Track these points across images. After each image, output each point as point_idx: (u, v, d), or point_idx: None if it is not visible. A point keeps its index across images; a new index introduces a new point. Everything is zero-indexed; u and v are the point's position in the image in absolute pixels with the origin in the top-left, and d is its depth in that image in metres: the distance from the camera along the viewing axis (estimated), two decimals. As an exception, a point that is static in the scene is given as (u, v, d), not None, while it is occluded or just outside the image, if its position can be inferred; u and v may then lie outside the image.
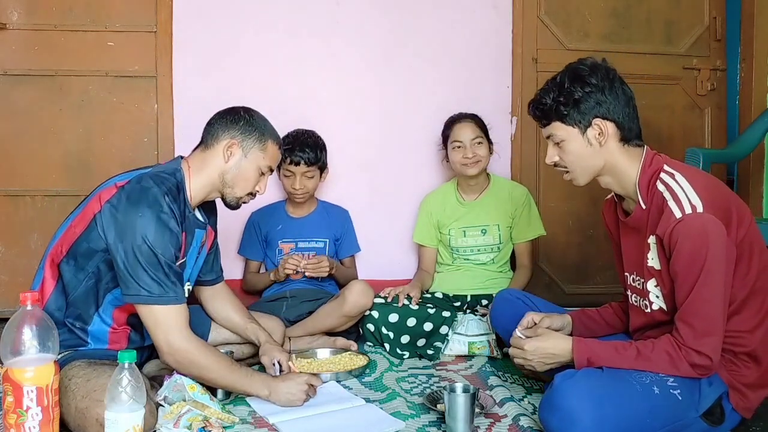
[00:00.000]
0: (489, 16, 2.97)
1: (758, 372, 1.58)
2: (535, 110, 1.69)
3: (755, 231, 1.58)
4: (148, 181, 1.70)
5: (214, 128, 1.84)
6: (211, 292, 2.08)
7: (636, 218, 1.63)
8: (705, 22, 3.13)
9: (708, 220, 1.47)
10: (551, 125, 1.66)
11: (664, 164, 1.60)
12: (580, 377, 1.50)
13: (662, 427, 1.50)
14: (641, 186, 1.60)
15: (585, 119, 1.61)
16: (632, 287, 1.71)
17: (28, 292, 1.41)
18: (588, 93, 1.60)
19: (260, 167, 1.85)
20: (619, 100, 1.61)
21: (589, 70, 1.62)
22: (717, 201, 1.52)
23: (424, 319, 2.36)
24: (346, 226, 2.76)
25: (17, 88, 2.74)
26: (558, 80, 1.64)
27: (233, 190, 1.84)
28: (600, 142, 1.62)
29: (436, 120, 2.74)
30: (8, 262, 2.73)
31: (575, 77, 1.61)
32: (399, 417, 1.75)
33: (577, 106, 1.60)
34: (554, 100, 1.63)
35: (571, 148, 1.64)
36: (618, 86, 1.62)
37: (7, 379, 1.36)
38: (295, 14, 2.85)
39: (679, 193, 1.52)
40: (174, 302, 1.66)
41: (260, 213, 2.73)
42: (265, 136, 1.85)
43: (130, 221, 1.63)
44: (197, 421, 1.59)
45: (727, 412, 1.56)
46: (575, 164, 1.66)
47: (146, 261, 1.63)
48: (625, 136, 1.63)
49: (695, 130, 3.15)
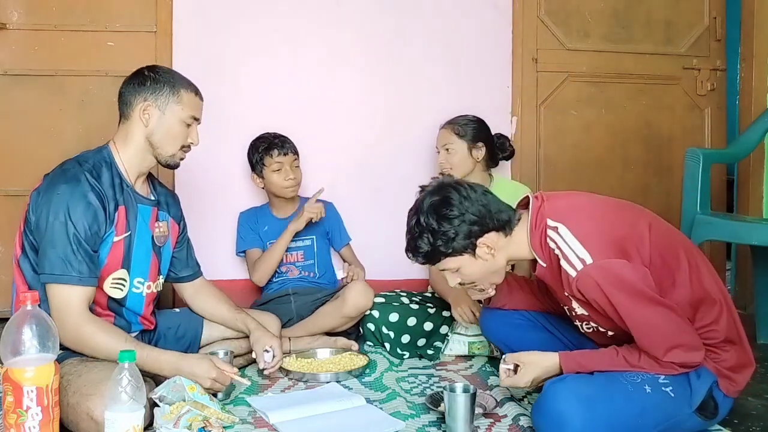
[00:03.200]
0: (489, 16, 2.97)
1: (737, 352, 1.61)
2: (418, 258, 1.67)
3: (665, 235, 1.59)
4: (68, 163, 1.76)
5: (124, 97, 1.83)
6: (192, 290, 2.09)
7: (543, 275, 1.65)
8: (705, 22, 3.13)
9: (598, 269, 1.48)
10: (441, 263, 1.66)
11: (547, 219, 1.59)
12: (570, 380, 1.51)
13: (656, 425, 1.50)
14: (535, 249, 1.62)
15: (469, 245, 1.61)
16: (579, 316, 1.69)
17: (28, 292, 1.41)
18: (458, 225, 1.60)
19: (183, 119, 1.83)
20: (478, 208, 1.61)
21: (445, 201, 1.61)
22: (606, 240, 1.52)
23: (425, 319, 2.36)
24: (333, 217, 2.75)
25: (17, 88, 2.73)
26: (424, 224, 1.61)
27: (164, 150, 1.84)
28: (492, 253, 1.63)
29: (436, 120, 2.73)
30: (8, 262, 2.72)
31: (439, 216, 1.60)
32: (399, 417, 1.75)
33: (456, 240, 1.60)
34: (432, 244, 1.62)
35: (470, 271, 1.66)
36: (474, 195, 1.62)
37: (7, 379, 1.36)
38: (295, 14, 2.85)
39: (566, 250, 1.52)
40: (76, 282, 1.66)
41: (247, 213, 2.73)
42: (176, 87, 1.83)
43: (47, 200, 1.68)
44: (197, 421, 1.59)
45: (720, 402, 1.57)
46: (483, 279, 1.70)
47: (56, 237, 1.65)
48: (507, 230, 1.64)
49: (695, 130, 3.15)
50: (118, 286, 1.81)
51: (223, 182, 2.82)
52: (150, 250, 1.89)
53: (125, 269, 1.82)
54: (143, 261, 1.87)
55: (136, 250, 1.84)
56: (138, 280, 1.86)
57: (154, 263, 1.91)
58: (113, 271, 1.79)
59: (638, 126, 3.12)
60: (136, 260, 1.84)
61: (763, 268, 2.60)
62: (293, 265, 2.66)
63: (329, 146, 2.69)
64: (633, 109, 3.11)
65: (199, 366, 1.71)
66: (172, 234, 1.99)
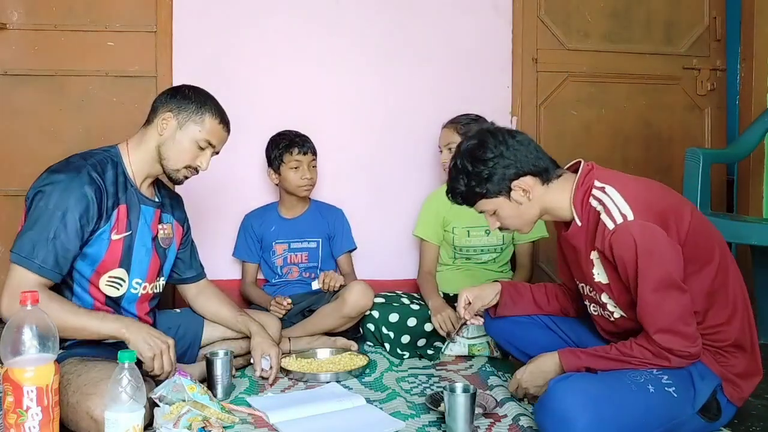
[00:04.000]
0: (489, 16, 2.97)
1: (746, 359, 1.61)
2: (456, 199, 1.73)
3: (700, 223, 1.61)
4: (73, 157, 1.78)
5: (155, 104, 1.87)
6: (195, 290, 2.10)
7: (573, 234, 1.66)
8: (705, 22, 3.13)
9: (639, 225, 1.50)
10: (477, 204, 1.71)
11: (595, 180, 1.63)
12: (575, 379, 1.50)
13: (659, 426, 1.50)
14: (575, 205, 1.65)
15: (504, 188, 1.66)
16: (588, 297, 1.74)
17: (28, 292, 1.41)
18: (492, 167, 1.64)
19: (197, 140, 1.84)
20: (520, 152, 1.66)
21: (481, 144, 1.66)
22: (650, 206, 1.55)
23: (425, 319, 2.36)
24: (339, 223, 2.75)
25: (17, 88, 2.74)
26: (459, 166, 1.68)
27: (169, 162, 1.85)
28: (527, 197, 1.66)
29: (436, 120, 2.73)
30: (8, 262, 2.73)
31: (474, 158, 1.66)
32: (399, 417, 1.75)
33: (491, 181, 1.65)
34: (467, 185, 1.67)
35: (505, 214, 1.70)
36: (512, 141, 1.67)
37: (7, 379, 1.36)
38: (295, 14, 2.85)
39: (610, 205, 1.55)
40: (36, 270, 1.64)
41: (253, 215, 2.73)
42: (202, 109, 1.85)
43: (45, 183, 1.69)
44: (197, 421, 1.59)
45: (723, 406, 1.58)
46: (516, 223, 1.73)
47: (37, 220, 1.66)
48: (544, 178, 1.67)
49: (695, 130, 3.15)
50: (114, 285, 1.81)
51: (222, 181, 2.82)
52: (150, 251, 1.89)
53: (124, 269, 1.82)
54: (143, 262, 1.87)
55: (136, 251, 1.84)
56: (136, 281, 1.86)
57: (155, 264, 1.91)
58: (110, 269, 1.79)
59: (638, 126, 3.12)
60: (136, 261, 1.84)
61: (763, 268, 2.60)
62: (296, 266, 2.66)
63: (329, 146, 2.69)
64: (633, 109, 3.12)
65: (157, 335, 1.71)
66: (176, 236, 1.99)
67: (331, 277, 2.44)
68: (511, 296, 1.94)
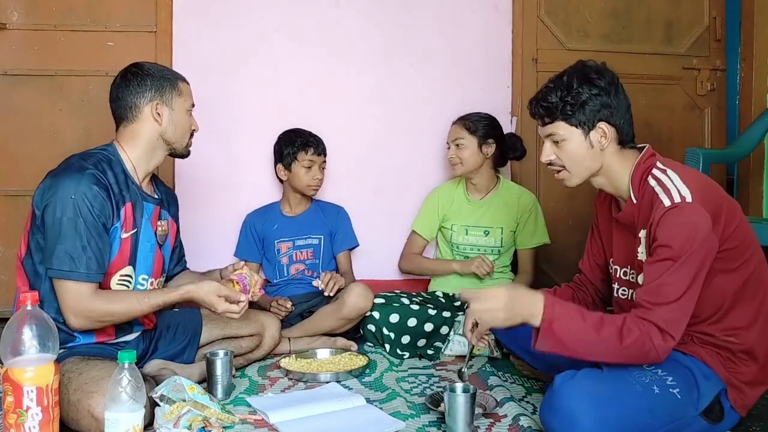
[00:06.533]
0: (489, 16, 2.97)
1: (756, 369, 1.60)
2: (539, 107, 1.67)
3: (747, 228, 1.60)
4: (72, 158, 1.77)
5: (125, 101, 1.84)
6: (175, 281, 2.10)
7: (627, 213, 1.65)
8: (705, 22, 3.13)
9: (695, 209, 1.49)
10: (554, 124, 1.65)
11: (657, 162, 1.63)
12: (581, 378, 1.50)
13: (662, 426, 1.50)
14: (633, 181, 1.63)
15: (590, 121, 1.62)
16: (621, 280, 1.72)
17: (28, 292, 1.41)
18: (595, 95, 1.61)
19: (187, 109, 1.90)
20: (622, 105, 1.65)
21: (597, 72, 1.63)
22: (708, 195, 1.54)
23: (425, 320, 2.36)
24: (341, 220, 2.75)
25: (17, 88, 2.74)
26: (565, 80, 1.63)
27: (180, 142, 1.90)
28: (602, 145, 1.64)
29: (436, 120, 2.74)
30: (8, 262, 2.73)
31: (584, 78, 1.62)
32: (399, 417, 1.75)
33: (584, 108, 1.61)
34: (561, 99, 1.63)
35: (571, 149, 1.65)
36: (621, 92, 1.66)
37: (7, 379, 1.36)
38: (295, 14, 2.85)
39: (669, 185, 1.55)
40: (85, 279, 1.67)
41: (255, 214, 2.73)
42: (172, 81, 1.88)
43: (53, 191, 1.68)
44: (197, 421, 1.59)
45: (726, 410, 1.57)
46: (573, 165, 1.66)
47: (64, 232, 1.65)
48: (623, 139, 1.66)
49: (695, 130, 3.15)
50: (124, 283, 1.81)
51: (222, 181, 2.82)
52: (154, 247, 1.90)
53: (131, 266, 1.83)
54: (148, 258, 1.88)
55: (141, 248, 1.85)
56: (143, 277, 1.87)
57: (159, 260, 1.92)
58: (121, 267, 1.80)
59: (638, 126, 3.02)
60: (141, 257, 1.85)
61: (763, 268, 2.59)
62: (302, 263, 2.66)
63: (329, 146, 2.69)
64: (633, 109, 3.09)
65: (208, 285, 1.80)
66: (171, 232, 2.01)
67: (332, 279, 2.42)
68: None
